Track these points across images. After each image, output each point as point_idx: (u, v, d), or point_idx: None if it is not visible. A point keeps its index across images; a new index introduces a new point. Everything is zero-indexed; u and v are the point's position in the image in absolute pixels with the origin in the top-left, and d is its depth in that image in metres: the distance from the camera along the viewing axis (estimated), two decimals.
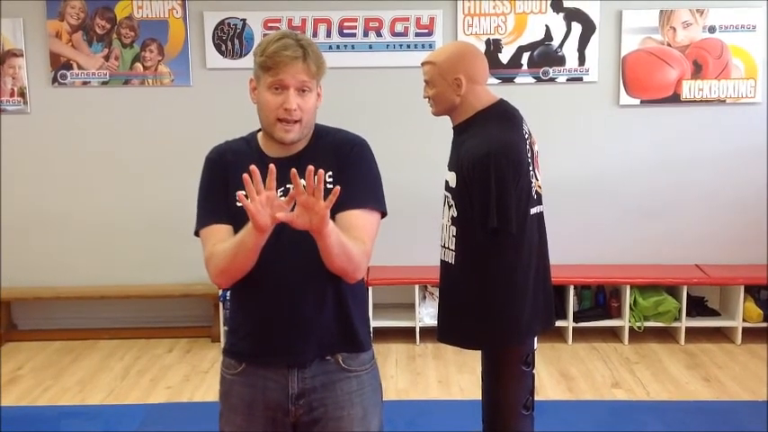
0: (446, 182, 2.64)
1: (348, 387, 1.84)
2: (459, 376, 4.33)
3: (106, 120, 5.08)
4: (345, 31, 4.96)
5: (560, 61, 4.98)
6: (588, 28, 4.95)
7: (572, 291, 4.83)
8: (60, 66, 5.01)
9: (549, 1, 4.93)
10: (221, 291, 4.73)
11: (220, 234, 1.78)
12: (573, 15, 4.94)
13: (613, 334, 5.01)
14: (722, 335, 4.97)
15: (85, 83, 5.03)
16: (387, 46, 4.97)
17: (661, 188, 5.09)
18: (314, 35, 4.88)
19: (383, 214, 1.86)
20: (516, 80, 4.99)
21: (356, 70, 4.92)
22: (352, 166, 1.82)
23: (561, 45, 4.97)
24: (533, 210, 2.58)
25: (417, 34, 4.95)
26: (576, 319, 4.88)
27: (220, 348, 1.93)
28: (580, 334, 4.91)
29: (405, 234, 4.67)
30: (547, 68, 4.99)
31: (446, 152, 2.68)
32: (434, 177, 3.31)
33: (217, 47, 4.98)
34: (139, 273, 5.16)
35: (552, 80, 5.00)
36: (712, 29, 4.93)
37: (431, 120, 2.80)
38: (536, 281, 2.60)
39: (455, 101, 2.59)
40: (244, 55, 4.92)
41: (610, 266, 5.05)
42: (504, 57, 4.97)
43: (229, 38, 4.97)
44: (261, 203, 1.59)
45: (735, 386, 4.16)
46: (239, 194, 1.63)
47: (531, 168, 2.58)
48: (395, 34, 4.96)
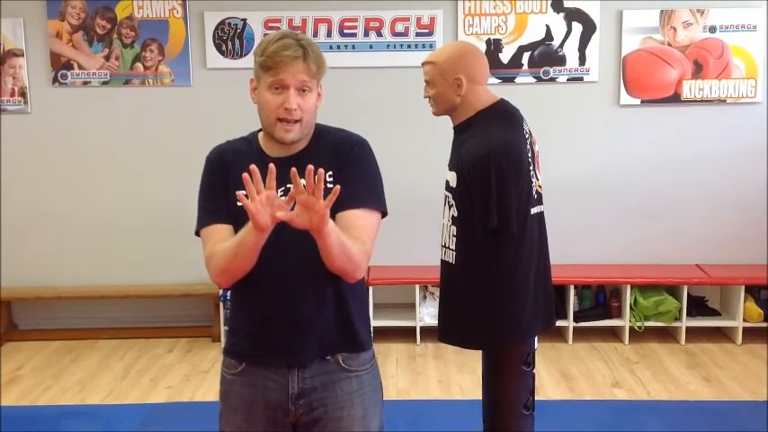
0: (446, 182, 2.64)
1: (348, 387, 1.84)
2: (459, 376, 4.33)
3: (107, 120, 5.08)
4: (346, 31, 4.95)
5: (561, 61, 4.98)
6: (589, 28, 4.95)
7: (572, 290, 4.83)
8: (61, 66, 5.01)
9: (550, 1, 4.93)
10: (221, 291, 4.74)
11: (221, 234, 1.78)
12: (573, 15, 4.94)
13: (614, 334, 5.01)
14: (722, 335, 4.97)
15: (86, 83, 5.03)
16: (387, 46, 4.97)
17: (661, 188, 5.09)
18: (314, 35, 4.88)
19: (383, 214, 1.85)
20: (517, 80, 4.99)
21: (357, 70, 4.92)
22: (352, 166, 1.82)
23: (562, 45, 4.97)
24: (534, 209, 2.58)
25: (418, 34, 4.95)
26: (577, 319, 4.88)
27: (221, 348, 1.94)
28: (580, 334, 4.91)
29: (405, 234, 4.67)
30: (547, 68, 4.99)
31: (446, 152, 2.68)
32: (435, 177, 3.32)
33: (217, 47, 4.98)
34: (140, 272, 5.16)
35: (553, 80, 5.00)
36: (713, 29, 4.93)
37: (431, 120, 2.80)
38: (536, 281, 2.60)
39: (456, 101, 2.59)
40: (244, 55, 4.92)
41: (610, 266, 5.05)
42: (504, 56, 4.97)
43: (230, 38, 4.97)
44: (261, 203, 1.59)
45: (735, 386, 4.16)
46: (239, 194, 1.63)
47: (532, 168, 2.58)
48: (395, 34, 4.95)
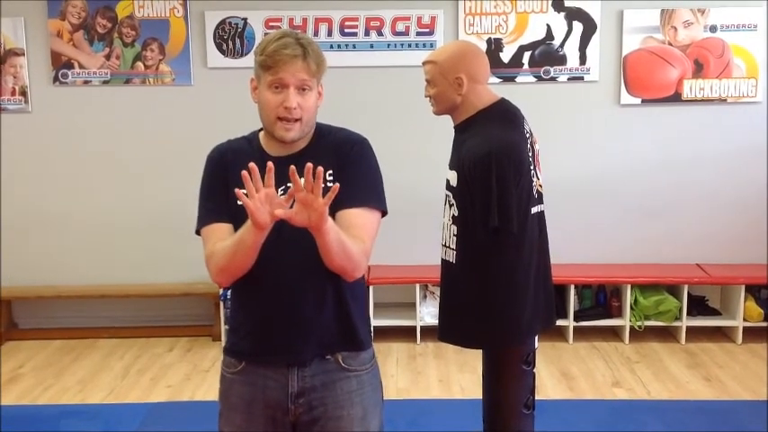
0: (447, 181, 2.64)
1: (348, 386, 1.83)
2: (459, 375, 4.33)
3: (107, 119, 5.08)
4: (346, 31, 4.95)
5: (561, 60, 4.98)
6: (589, 27, 4.94)
7: (573, 290, 4.83)
8: (61, 65, 5.01)
9: (551, 0, 4.93)
10: (222, 290, 4.74)
11: (221, 233, 1.78)
12: (574, 15, 4.94)
13: (614, 333, 5.01)
14: (723, 334, 4.97)
15: (86, 82, 5.03)
16: (388, 45, 4.97)
17: (662, 187, 5.09)
18: (315, 34, 4.88)
19: (384, 213, 1.85)
20: (517, 79, 4.99)
21: (357, 69, 4.92)
22: (352, 165, 1.82)
23: (562, 44, 4.96)
24: (534, 209, 2.58)
25: (418, 33, 4.95)
26: (577, 319, 4.88)
27: (221, 347, 1.94)
28: (581, 333, 4.91)
29: (405, 233, 4.68)
30: (548, 68, 4.99)
31: (447, 152, 2.68)
32: (435, 177, 3.32)
33: (218, 46, 4.98)
34: (140, 272, 5.16)
35: (553, 79, 5.00)
36: (713, 28, 4.92)
37: (432, 119, 2.79)
38: (537, 280, 2.60)
39: (456, 100, 2.59)
40: (245, 54, 4.92)
41: (610, 266, 5.04)
42: (505, 56, 4.97)
43: (230, 37, 4.97)
44: (260, 201, 1.59)
45: (735, 386, 4.16)
46: (238, 192, 1.62)
47: (532, 167, 2.58)
48: (396, 33, 4.95)
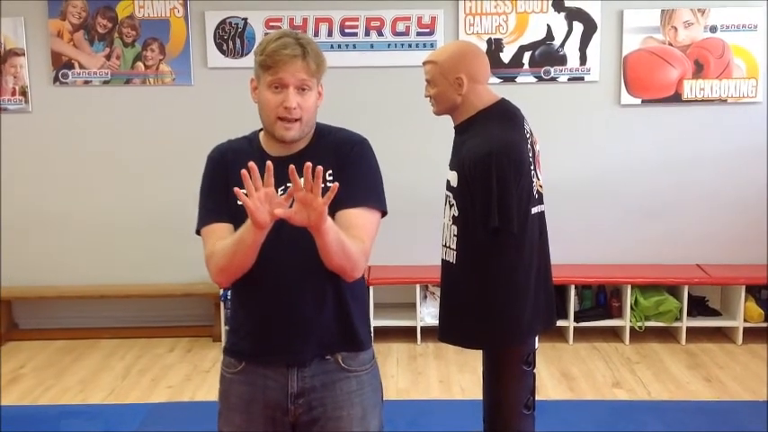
0: (447, 181, 2.64)
1: (348, 387, 1.83)
2: (460, 376, 4.33)
3: (107, 119, 5.08)
4: (347, 31, 4.95)
5: (562, 61, 4.98)
6: (589, 27, 4.94)
7: (573, 290, 4.82)
8: (62, 65, 5.01)
9: (551, 0, 4.93)
10: (222, 290, 4.74)
11: (221, 232, 1.78)
12: (574, 15, 4.94)
13: (614, 334, 5.00)
14: (723, 335, 4.96)
15: (87, 82, 5.03)
16: (388, 45, 4.97)
17: (662, 188, 5.09)
18: (315, 34, 4.88)
19: (383, 213, 1.85)
20: (517, 79, 4.99)
21: (357, 70, 4.92)
22: (352, 165, 1.82)
23: (562, 44, 4.96)
24: (534, 209, 2.58)
25: (419, 33, 4.95)
26: (577, 319, 4.87)
27: (221, 348, 1.93)
28: (581, 334, 4.90)
29: (405, 234, 4.68)
30: (548, 68, 4.98)
31: (447, 152, 2.68)
32: (435, 177, 3.32)
33: (218, 46, 4.98)
34: (140, 272, 5.16)
35: (553, 80, 5.00)
36: (714, 28, 4.92)
37: (432, 119, 2.79)
38: (537, 280, 2.60)
39: (456, 100, 2.59)
40: (245, 54, 4.92)
41: (611, 266, 5.04)
42: (505, 56, 4.97)
43: (231, 37, 4.97)
44: (259, 200, 1.59)
45: (736, 386, 4.16)
46: (237, 191, 1.62)
47: (533, 168, 2.58)
48: (396, 34, 4.95)
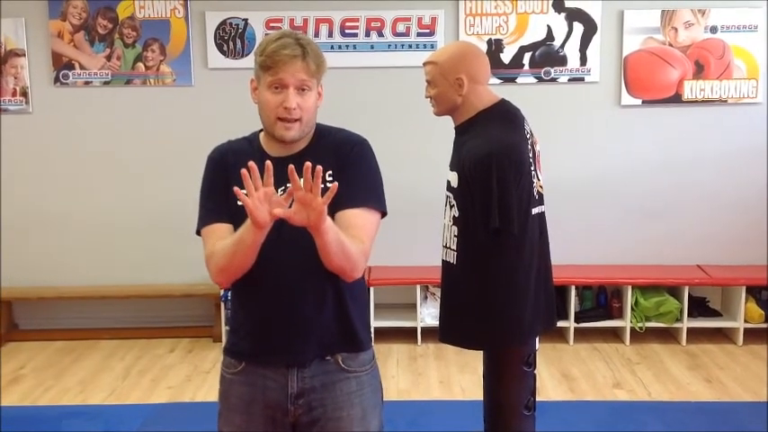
0: (448, 182, 2.64)
1: (348, 387, 1.83)
2: (460, 376, 4.33)
3: (108, 120, 5.08)
4: (347, 31, 4.95)
5: (562, 61, 4.98)
6: (590, 28, 4.94)
7: (573, 291, 4.82)
8: (62, 66, 5.01)
9: (551, 1, 4.93)
10: (223, 291, 4.74)
11: (221, 233, 1.79)
12: (574, 15, 4.94)
13: (615, 334, 5.00)
14: (723, 335, 4.96)
15: (87, 83, 5.04)
16: (388, 46, 4.97)
17: (663, 188, 5.08)
18: (315, 35, 4.88)
19: (383, 214, 1.85)
20: (518, 80, 4.99)
21: (357, 70, 4.92)
22: (352, 166, 1.82)
23: (563, 45, 4.96)
24: (535, 210, 2.58)
25: (419, 34, 4.95)
26: (578, 320, 4.87)
27: (222, 349, 1.94)
28: (581, 334, 4.90)
29: (406, 234, 4.67)
30: (548, 68, 4.98)
31: (447, 152, 2.68)
32: (435, 177, 3.32)
33: (218, 47, 4.98)
34: (140, 273, 5.16)
35: (554, 80, 5.00)
36: (714, 29, 4.92)
37: (432, 120, 2.80)
38: (537, 281, 2.60)
39: (457, 101, 2.59)
40: (245, 55, 4.93)
41: (611, 267, 5.04)
42: (505, 57, 4.97)
43: (231, 38, 4.97)
44: (259, 199, 1.59)
45: (736, 387, 4.15)
46: (237, 190, 1.62)
47: (533, 168, 2.58)
48: (396, 34, 4.95)
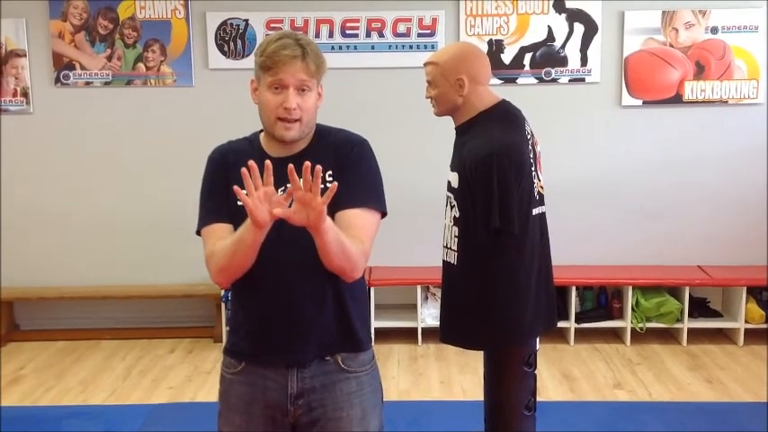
0: (448, 182, 2.64)
1: (347, 388, 1.84)
2: (461, 377, 4.33)
3: (108, 120, 5.08)
4: (347, 32, 4.96)
5: (562, 62, 4.98)
6: (590, 29, 4.94)
7: (574, 291, 4.82)
8: (63, 66, 5.01)
9: (552, 2, 4.93)
10: (223, 291, 4.74)
11: (221, 233, 1.79)
12: (575, 16, 4.94)
13: (615, 335, 5.00)
14: (724, 336, 4.96)
15: (88, 83, 5.04)
16: (389, 46, 4.97)
17: (663, 189, 5.09)
18: (316, 36, 4.88)
19: (383, 214, 1.85)
20: (518, 81, 4.99)
21: (358, 71, 4.92)
22: (352, 166, 1.82)
23: (563, 46, 4.97)
24: (535, 210, 2.58)
25: (419, 35, 4.95)
26: (578, 320, 4.87)
27: (222, 349, 1.94)
28: (582, 335, 4.90)
29: (406, 234, 4.68)
30: (549, 69, 4.99)
31: (447, 152, 2.68)
32: (435, 177, 3.32)
33: (219, 47, 4.98)
34: (141, 273, 5.16)
35: (554, 81, 5.00)
36: (714, 30, 4.92)
37: (432, 120, 2.80)
38: (538, 281, 2.60)
39: (457, 101, 2.59)
40: (246, 55, 4.93)
41: (612, 267, 5.04)
42: (506, 57, 4.97)
43: (232, 38, 4.97)
44: (259, 199, 1.59)
45: (737, 387, 4.15)
46: (237, 189, 1.62)
47: (534, 169, 2.58)
48: (397, 35, 4.96)
